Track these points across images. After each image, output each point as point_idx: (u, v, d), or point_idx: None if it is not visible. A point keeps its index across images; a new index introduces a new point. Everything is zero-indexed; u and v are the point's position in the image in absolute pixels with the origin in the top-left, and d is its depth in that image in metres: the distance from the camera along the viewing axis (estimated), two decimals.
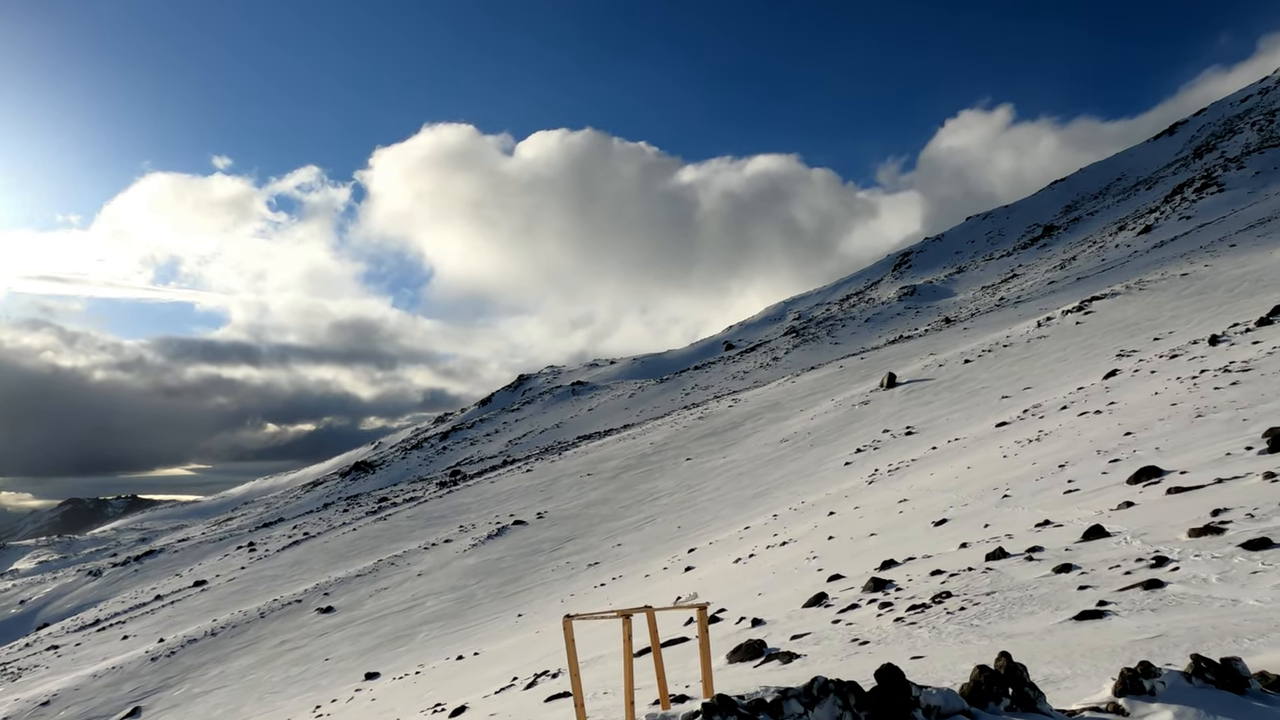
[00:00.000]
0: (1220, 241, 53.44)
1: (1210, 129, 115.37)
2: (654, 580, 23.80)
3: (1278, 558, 6.66)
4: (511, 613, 28.29)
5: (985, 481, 17.71)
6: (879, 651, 7.09)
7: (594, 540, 36.08)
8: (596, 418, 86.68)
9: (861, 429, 38.22)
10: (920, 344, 58.61)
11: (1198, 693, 3.34)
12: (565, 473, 53.30)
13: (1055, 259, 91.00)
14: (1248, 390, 17.00)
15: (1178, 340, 29.63)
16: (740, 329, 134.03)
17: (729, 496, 35.61)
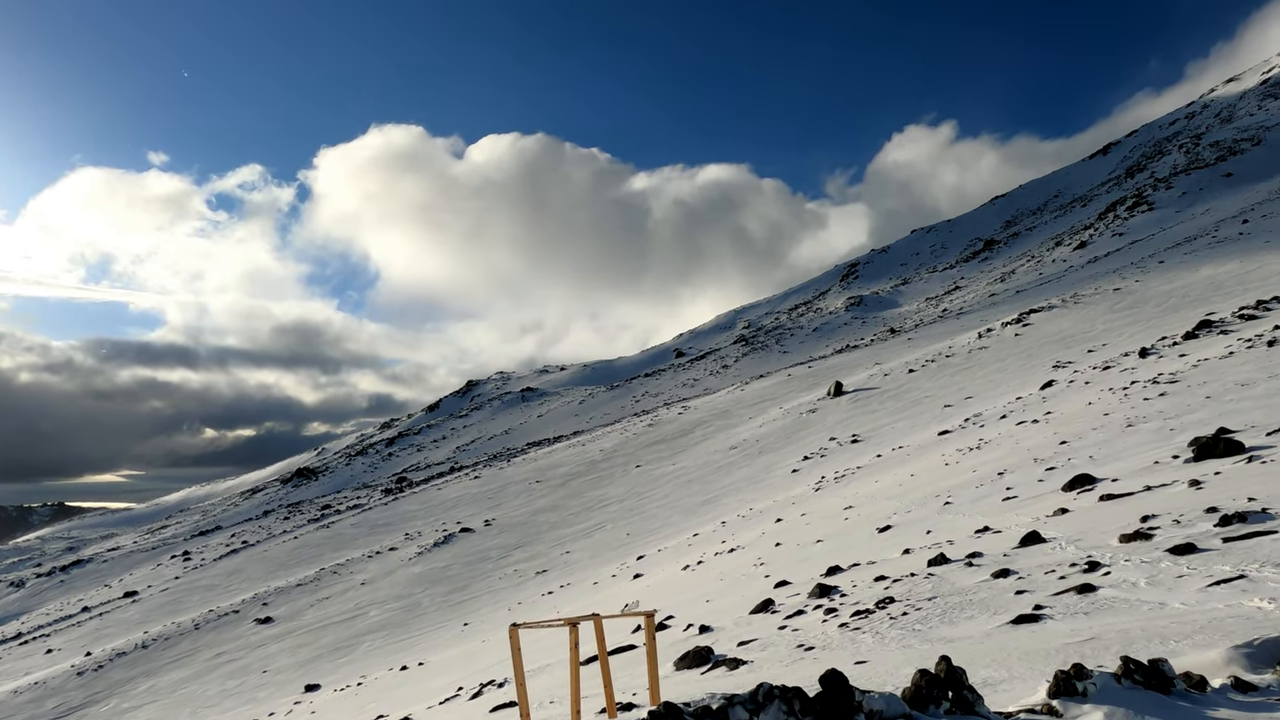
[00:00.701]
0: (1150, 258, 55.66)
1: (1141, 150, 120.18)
2: (603, 588, 23.72)
3: (1202, 562, 6.93)
4: (458, 621, 27.90)
5: (928, 488, 18.10)
6: (824, 657, 7.17)
7: (542, 548, 35.82)
8: (546, 424, 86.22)
9: (809, 436, 38.73)
10: (866, 353, 59.71)
11: (1126, 693, 3.45)
12: (514, 480, 52.85)
13: (996, 272, 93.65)
14: (1174, 401, 17.71)
15: (1110, 352, 30.72)
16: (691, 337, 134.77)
17: (678, 503, 35.72)
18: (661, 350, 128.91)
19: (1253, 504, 8.41)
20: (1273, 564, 6.31)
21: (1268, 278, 35.25)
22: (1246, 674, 3.70)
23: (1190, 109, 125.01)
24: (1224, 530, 7.73)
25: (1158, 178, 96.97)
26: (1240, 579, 6.17)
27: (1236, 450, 11.73)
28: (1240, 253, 43.98)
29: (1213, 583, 6.27)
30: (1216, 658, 3.91)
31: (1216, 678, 3.67)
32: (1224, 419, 14.19)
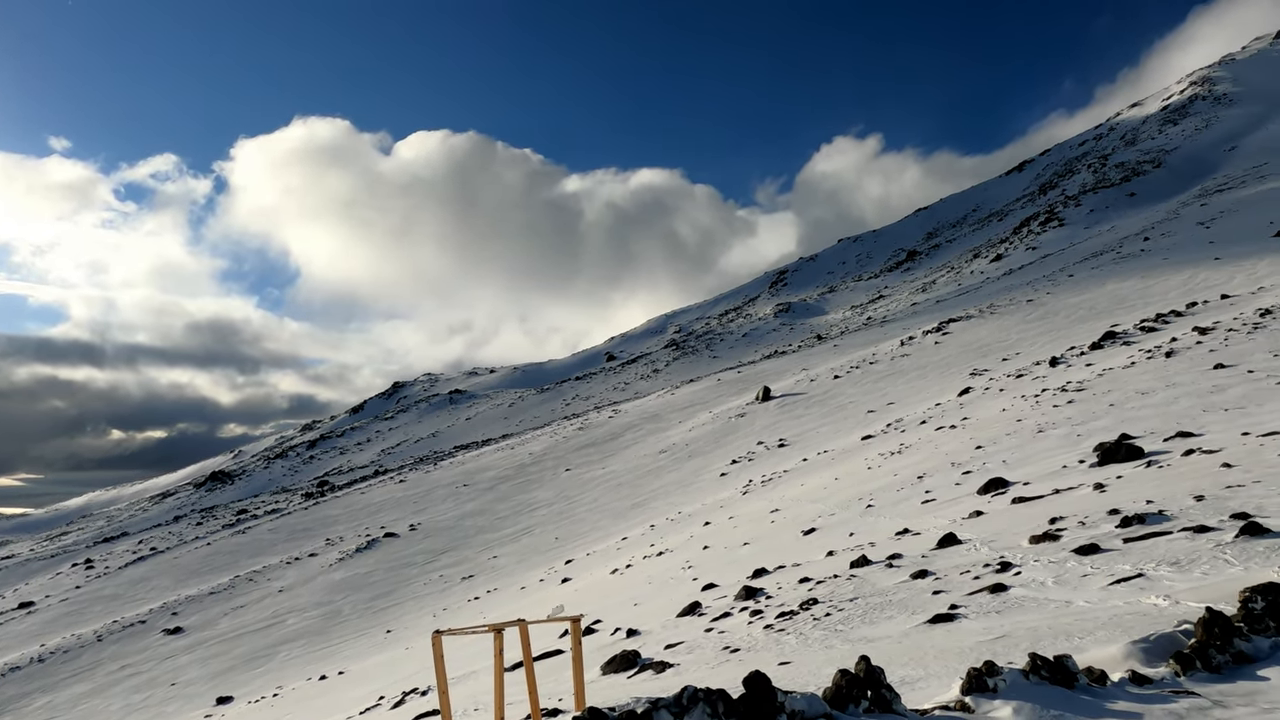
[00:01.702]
0: (1060, 271, 58.36)
1: (1053, 168, 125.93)
2: (530, 592, 23.51)
3: (1104, 562, 7.28)
4: (380, 629, 27.24)
5: (851, 492, 18.54)
6: (749, 659, 7.25)
7: (469, 553, 35.30)
8: (474, 427, 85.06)
9: (737, 441, 39.23)
10: (794, 359, 60.84)
11: (1034, 689, 3.60)
12: (440, 483, 51.94)
13: (918, 282, 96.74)
14: (1081, 408, 18.58)
15: (1023, 361, 32.06)
16: (622, 340, 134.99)
17: (607, 507, 35.69)
18: (593, 354, 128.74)
19: (1150, 506, 8.88)
20: (1168, 563, 6.67)
21: (1166, 292, 37.36)
22: (1143, 668, 3.90)
23: (1098, 131, 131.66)
24: (1125, 531, 8.13)
25: (1068, 195, 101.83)
26: (1139, 577, 6.51)
27: (1137, 455, 12.38)
28: (1142, 269, 46.50)
29: (1114, 581, 6.59)
30: (1116, 652, 4.11)
31: (1116, 671, 3.86)
32: (1126, 425, 14.96)
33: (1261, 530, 6.81)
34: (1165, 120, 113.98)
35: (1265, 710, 3.38)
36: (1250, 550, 6.44)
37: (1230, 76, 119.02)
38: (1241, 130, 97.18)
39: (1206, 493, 8.86)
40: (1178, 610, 5.35)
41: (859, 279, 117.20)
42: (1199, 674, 3.80)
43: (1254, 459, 10.11)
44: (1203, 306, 29.98)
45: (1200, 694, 3.60)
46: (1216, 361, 18.85)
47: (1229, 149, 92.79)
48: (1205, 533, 7.26)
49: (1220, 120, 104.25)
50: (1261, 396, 14.52)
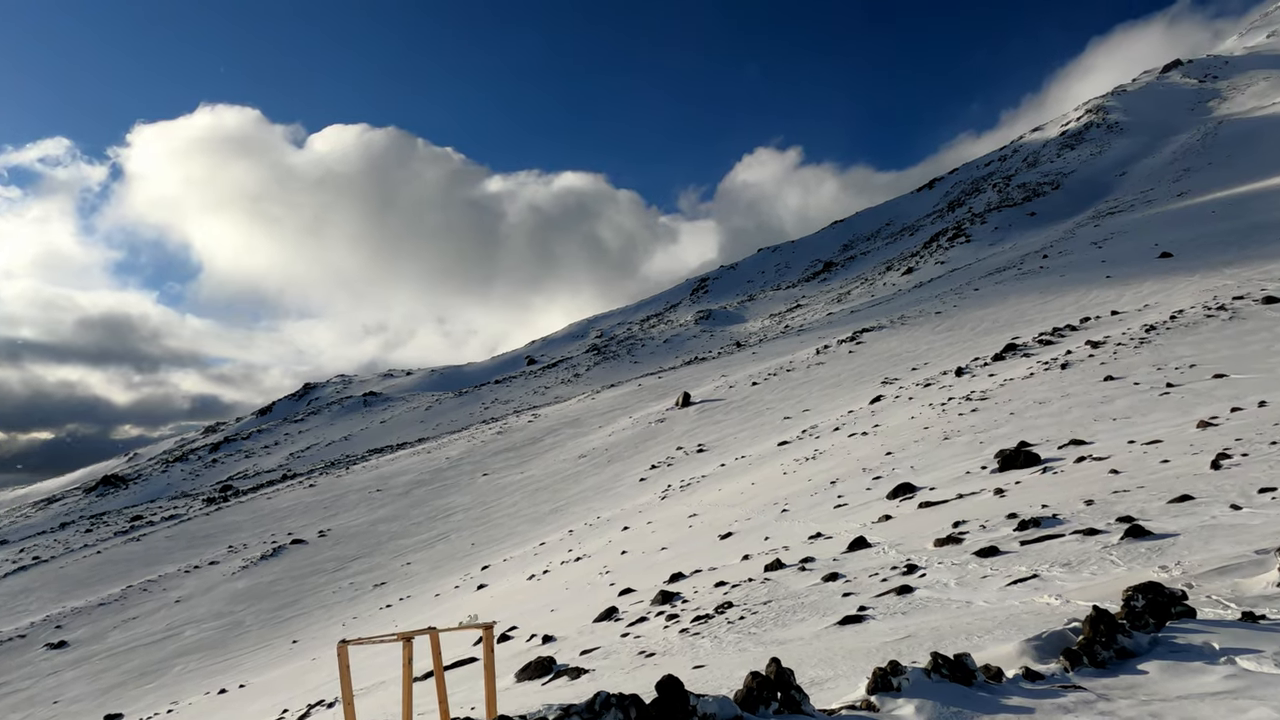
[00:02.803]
0: (967, 286, 60.95)
1: (961, 186, 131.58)
2: (445, 600, 23.06)
3: (1003, 563, 7.62)
4: (285, 639, 26.23)
5: (767, 496, 18.88)
6: (664, 663, 7.28)
7: (382, 559, 34.38)
8: (389, 430, 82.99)
9: (657, 446, 39.45)
10: (713, 366, 61.64)
11: (935, 686, 3.73)
12: (352, 488, 50.45)
13: (833, 293, 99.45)
14: (984, 417, 19.43)
15: (931, 371, 33.32)
16: (543, 344, 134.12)
17: (525, 512, 35.35)
18: (513, 357, 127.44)
19: (1045, 510, 9.34)
20: (1060, 564, 7.03)
21: (1063, 308, 39.46)
22: (1035, 664, 4.09)
23: (1003, 152, 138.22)
24: (1022, 534, 8.53)
25: (975, 213, 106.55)
26: (1034, 578, 6.83)
27: (1034, 462, 13.01)
28: (1041, 285, 49.00)
29: (1011, 582, 6.90)
30: (1012, 650, 4.30)
31: (1011, 668, 4.04)
32: (1024, 433, 15.71)
33: (1144, 533, 7.25)
34: (1064, 145, 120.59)
35: (1143, 702, 3.59)
36: (1133, 551, 6.84)
37: (1122, 106, 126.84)
38: (1131, 157, 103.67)
39: (1096, 497, 9.37)
40: (1068, 609, 5.64)
41: (778, 288, 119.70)
42: (1086, 669, 4.01)
43: (1138, 465, 10.76)
44: (1095, 322, 31.78)
45: (1087, 688, 3.80)
46: (1106, 374, 20.00)
47: (1120, 174, 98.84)
48: (1094, 535, 7.68)
49: (1112, 147, 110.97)
50: (1145, 407, 15.48)
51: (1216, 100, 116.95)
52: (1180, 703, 3.55)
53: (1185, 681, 3.77)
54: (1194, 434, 11.98)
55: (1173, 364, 19.22)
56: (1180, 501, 8.19)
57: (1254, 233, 50.29)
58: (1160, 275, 41.57)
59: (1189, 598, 4.90)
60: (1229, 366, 17.43)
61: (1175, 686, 3.73)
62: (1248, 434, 10.98)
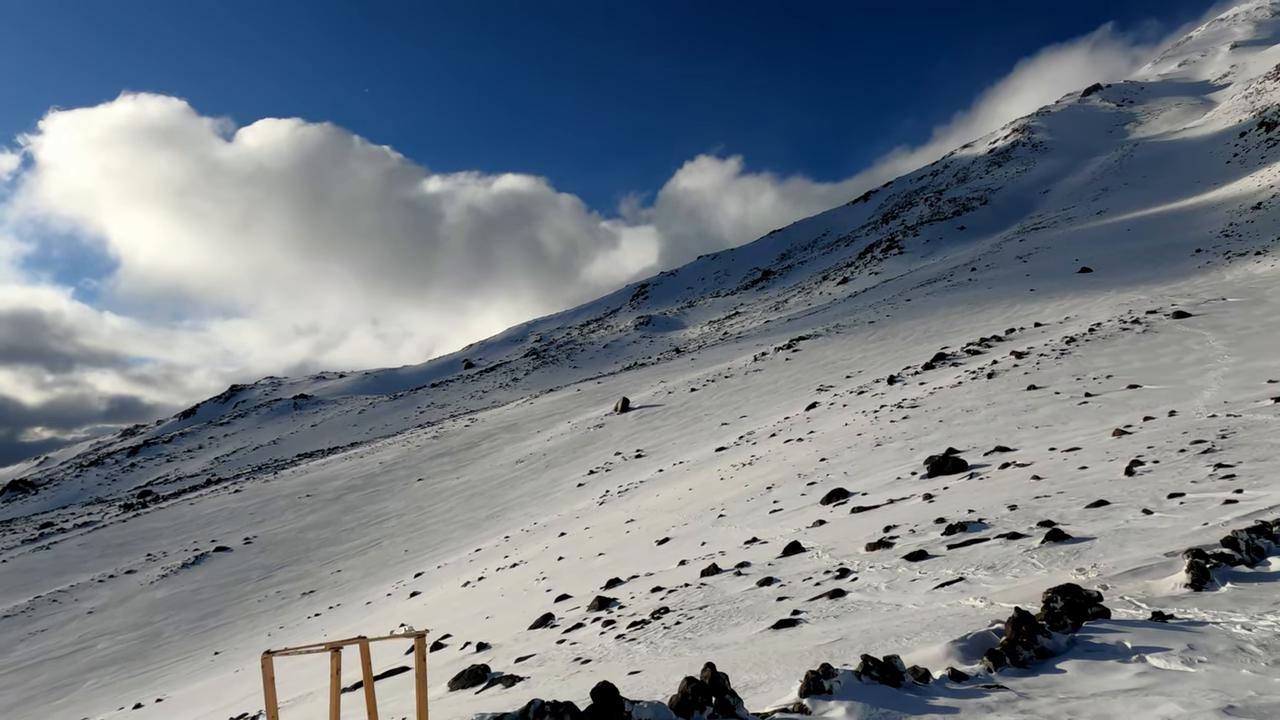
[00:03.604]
0: (899, 296, 62.60)
1: (895, 200, 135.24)
2: (377, 608, 22.55)
3: (931, 567, 7.82)
4: (207, 650, 25.28)
5: (704, 502, 19.01)
6: (600, 669, 7.25)
7: (311, 566, 33.44)
8: (320, 434, 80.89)
9: (595, 451, 39.37)
10: (653, 371, 61.86)
11: (865, 688, 3.81)
12: (281, 493, 48.98)
13: (771, 301, 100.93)
14: (915, 424, 19.95)
15: (865, 379, 34.08)
16: (480, 348, 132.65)
17: (461, 518, 34.85)
18: (450, 360, 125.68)
19: (972, 515, 9.63)
20: (985, 567, 7.25)
21: (990, 319, 40.84)
22: (961, 665, 4.22)
23: (935, 167, 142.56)
24: (949, 538, 8.78)
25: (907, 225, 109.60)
26: (960, 581, 7.03)
27: (961, 468, 13.41)
28: (969, 297, 50.64)
29: (938, 585, 7.09)
30: (939, 652, 4.42)
31: (938, 669, 4.15)
32: (953, 440, 16.19)
33: (1063, 536, 7.54)
34: (992, 162, 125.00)
35: (1061, 700, 3.73)
36: (1053, 555, 7.11)
37: (1046, 127, 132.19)
38: (1054, 175, 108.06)
39: (1019, 503, 9.71)
40: (992, 611, 5.82)
41: (717, 295, 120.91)
42: (1008, 669, 4.15)
43: (1058, 472, 11.19)
44: (1019, 333, 32.98)
45: (1009, 687, 3.93)
46: (1030, 383, 20.77)
47: (1044, 191, 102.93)
48: (1017, 539, 7.95)
49: (1037, 165, 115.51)
50: (1066, 415, 16.12)
51: (1133, 124, 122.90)
52: (1095, 700, 3.69)
53: (1100, 679, 3.92)
54: (1110, 442, 12.52)
55: (1091, 374, 20.07)
56: (1097, 506, 8.54)
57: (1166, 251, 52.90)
58: (1080, 290, 43.39)
59: (1104, 599, 5.11)
60: (1142, 377, 18.29)
61: (1091, 684, 3.89)
62: (1159, 442, 11.53)
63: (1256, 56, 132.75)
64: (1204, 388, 15.73)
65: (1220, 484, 8.40)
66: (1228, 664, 3.92)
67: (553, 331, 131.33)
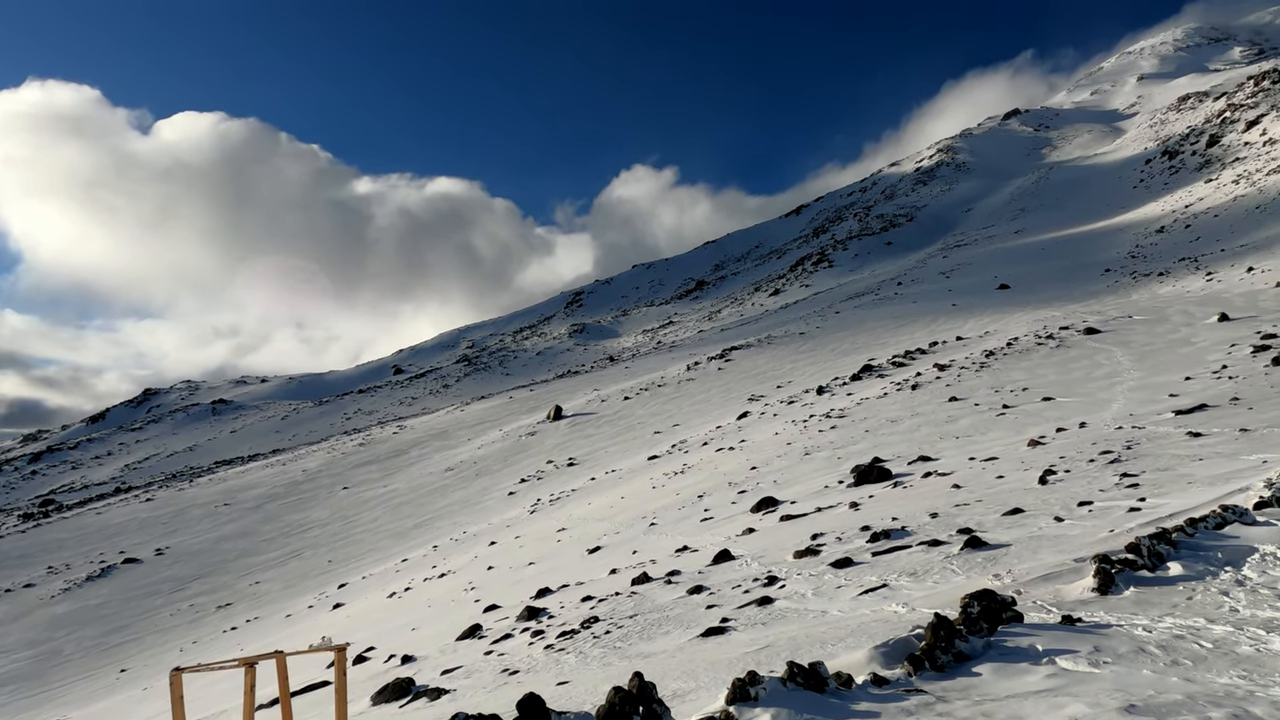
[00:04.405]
0: (829, 308, 64.02)
1: (826, 214, 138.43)
2: (297, 620, 21.83)
3: (856, 574, 7.99)
4: (113, 668, 24.04)
5: (636, 510, 19.03)
6: (527, 680, 7.17)
7: (227, 578, 32.18)
8: (240, 441, 78.04)
9: (527, 459, 39.03)
10: (586, 379, 61.73)
11: (790, 695, 3.86)
12: (196, 502, 47.04)
13: (705, 311, 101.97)
14: (842, 433, 20.40)
15: (795, 389, 34.69)
16: (411, 354, 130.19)
17: (388, 527, 34.06)
18: (378, 366, 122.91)
19: (895, 523, 9.89)
20: (907, 574, 7.45)
21: (914, 332, 42.11)
22: (882, 670, 4.32)
23: (864, 184, 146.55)
24: (874, 546, 8.99)
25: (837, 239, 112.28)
26: (883, 588, 7.20)
27: (886, 477, 13.76)
28: (895, 310, 52.13)
29: (863, 591, 7.25)
30: (862, 657, 4.52)
31: (861, 675, 4.24)
32: (878, 450, 16.61)
33: (981, 543, 7.80)
34: (918, 181, 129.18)
35: (976, 702, 3.86)
36: (972, 561, 7.35)
37: (968, 148, 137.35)
38: (976, 195, 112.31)
39: (940, 511, 10.01)
40: (913, 616, 5.97)
41: (651, 304, 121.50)
42: (928, 673, 4.26)
43: (977, 481, 11.59)
44: (942, 346, 34.10)
45: (927, 691, 4.03)
46: (951, 395, 21.48)
47: (966, 210, 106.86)
48: (938, 546, 8.19)
49: (960, 185, 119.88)
50: (985, 426, 16.72)
51: (1049, 148, 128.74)
52: (1008, 701, 3.82)
53: (1013, 681, 4.07)
54: (1025, 452, 13.03)
55: (1008, 387, 20.87)
56: (1013, 514, 8.87)
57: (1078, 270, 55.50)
58: (999, 306, 45.13)
59: (1018, 603, 5.30)
60: (1055, 390, 19.11)
61: (1004, 686, 4.02)
62: (1070, 452, 12.05)
63: (1161, 88, 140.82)
64: (1112, 401, 16.53)
65: (1125, 493, 8.82)
66: (1130, 665, 4.11)
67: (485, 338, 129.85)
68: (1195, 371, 17.69)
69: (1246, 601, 4.89)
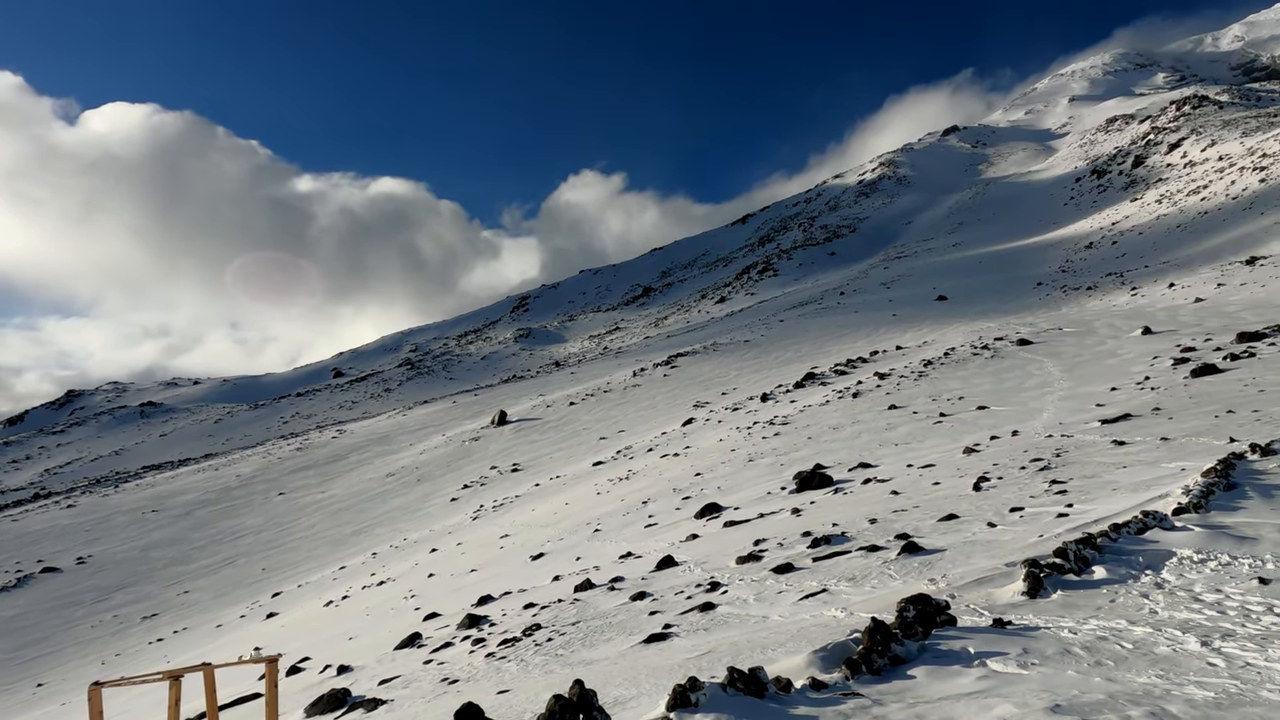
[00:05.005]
0: (773, 317, 64.86)
1: (771, 223, 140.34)
2: (228, 630, 21.15)
3: (797, 579, 8.09)
4: (29, 683, 22.93)
5: (580, 516, 18.96)
6: (467, 690, 7.07)
7: (154, 588, 31.01)
8: (170, 445, 75.39)
9: (471, 465, 38.57)
10: (532, 385, 61.33)
11: (730, 700, 3.88)
12: (122, 509, 45.24)
13: (651, 317, 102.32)
14: (785, 440, 20.67)
15: (739, 396, 35.03)
16: (351, 357, 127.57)
17: (325, 534, 33.27)
18: (317, 369, 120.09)
19: (835, 528, 10.05)
20: (846, 579, 7.58)
21: (856, 341, 42.93)
22: (821, 674, 4.38)
23: (809, 195, 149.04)
24: (814, 551, 9.12)
25: (782, 249, 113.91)
26: (823, 592, 7.31)
27: (827, 483, 13.99)
28: (838, 320, 53.10)
29: (803, 596, 7.34)
30: (801, 662, 4.57)
31: (800, 679, 4.29)
32: (820, 456, 16.87)
33: (917, 548, 7.98)
34: (860, 193, 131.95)
35: (911, 705, 3.94)
36: (908, 566, 7.51)
37: (909, 162, 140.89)
38: (916, 208, 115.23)
39: (879, 516, 10.21)
40: (851, 620, 6.08)
41: (598, 310, 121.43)
42: (864, 677, 4.34)
43: (914, 487, 11.85)
44: (883, 355, 34.83)
45: (864, 694, 4.10)
46: (891, 403, 21.95)
47: (907, 223, 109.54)
48: (876, 551, 8.35)
49: (901, 198, 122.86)
50: (922, 434, 17.12)
51: (985, 164, 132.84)
52: (940, 703, 3.91)
53: (945, 684, 4.17)
54: (961, 459, 13.39)
55: (945, 396, 21.43)
56: (948, 520, 9.10)
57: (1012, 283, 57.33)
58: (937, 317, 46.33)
59: (952, 607, 5.44)
60: (990, 399, 19.69)
61: (937, 689, 4.12)
62: (1003, 459, 12.42)
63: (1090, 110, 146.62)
64: (1043, 410, 17.10)
65: (1055, 499, 9.13)
66: (1056, 666, 4.25)
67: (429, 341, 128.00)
68: (1120, 382, 18.42)
69: (1165, 603, 5.10)
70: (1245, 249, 46.69)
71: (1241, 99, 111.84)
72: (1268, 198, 57.64)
